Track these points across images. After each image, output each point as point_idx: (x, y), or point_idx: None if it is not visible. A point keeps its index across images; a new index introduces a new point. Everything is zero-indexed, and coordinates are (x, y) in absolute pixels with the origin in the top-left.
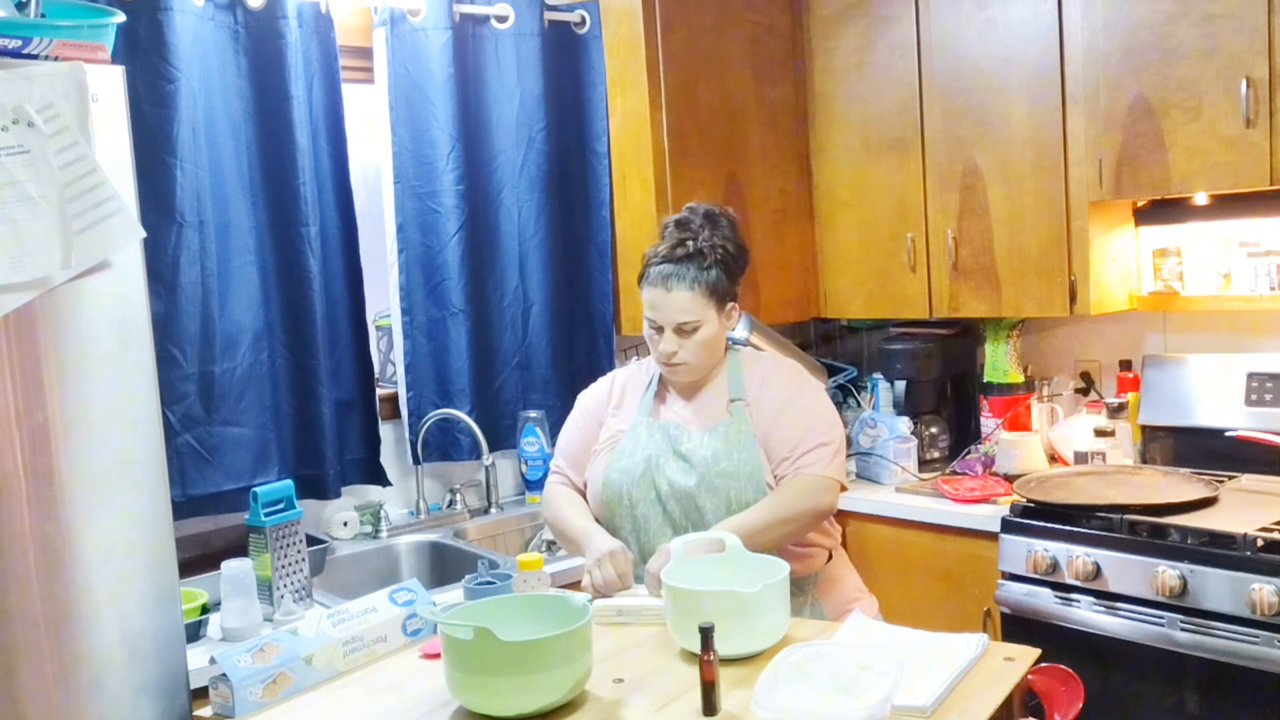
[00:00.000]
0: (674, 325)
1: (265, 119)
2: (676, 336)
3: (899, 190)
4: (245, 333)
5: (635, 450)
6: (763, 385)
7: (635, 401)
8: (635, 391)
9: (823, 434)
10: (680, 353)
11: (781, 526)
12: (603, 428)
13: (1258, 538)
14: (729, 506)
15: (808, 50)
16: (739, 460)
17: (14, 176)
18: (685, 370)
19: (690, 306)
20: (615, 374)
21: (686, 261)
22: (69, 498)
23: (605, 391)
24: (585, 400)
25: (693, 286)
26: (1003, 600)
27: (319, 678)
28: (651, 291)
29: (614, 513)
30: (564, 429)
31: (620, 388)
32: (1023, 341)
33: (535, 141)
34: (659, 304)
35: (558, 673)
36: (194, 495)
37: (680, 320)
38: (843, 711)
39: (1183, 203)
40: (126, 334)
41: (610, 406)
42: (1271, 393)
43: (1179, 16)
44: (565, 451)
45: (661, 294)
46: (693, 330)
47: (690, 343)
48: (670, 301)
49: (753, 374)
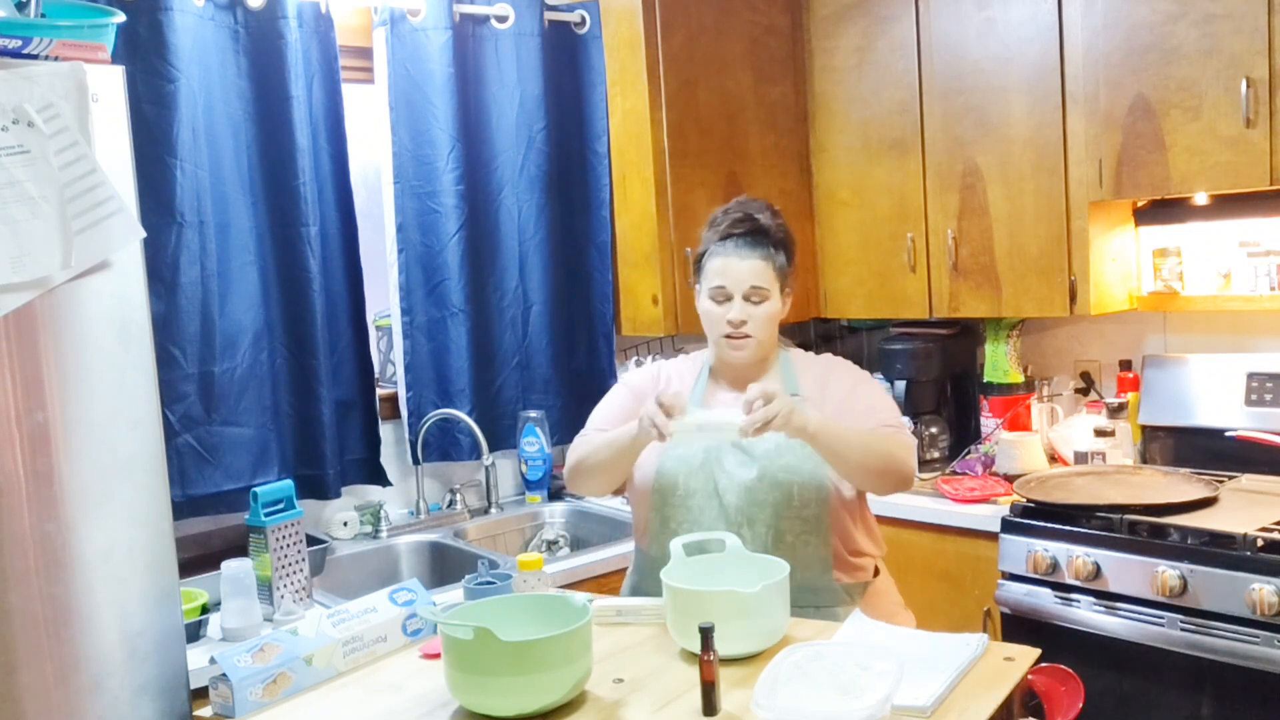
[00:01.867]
0: (745, 290)
1: (265, 119)
2: (746, 304)
3: (899, 190)
4: (245, 333)
5: (691, 442)
6: (822, 382)
7: (683, 392)
8: (683, 383)
9: (892, 419)
10: (749, 323)
11: (866, 454)
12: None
13: (1258, 538)
14: (790, 501)
15: (808, 50)
16: (801, 455)
17: (14, 176)
18: (752, 345)
19: (762, 273)
20: (662, 363)
21: (757, 234)
22: (69, 498)
23: (650, 379)
24: (632, 379)
25: (765, 258)
26: (1003, 600)
27: (319, 678)
28: (720, 259)
29: (666, 502)
30: (602, 403)
31: (665, 379)
32: (1023, 341)
33: (535, 141)
34: (730, 270)
35: (558, 673)
36: (194, 495)
37: (753, 283)
38: (843, 711)
39: (1183, 203)
40: (126, 334)
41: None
42: (1271, 393)
43: (1179, 16)
44: (604, 418)
45: (734, 260)
46: (761, 300)
47: (758, 313)
48: (743, 267)
49: (807, 372)
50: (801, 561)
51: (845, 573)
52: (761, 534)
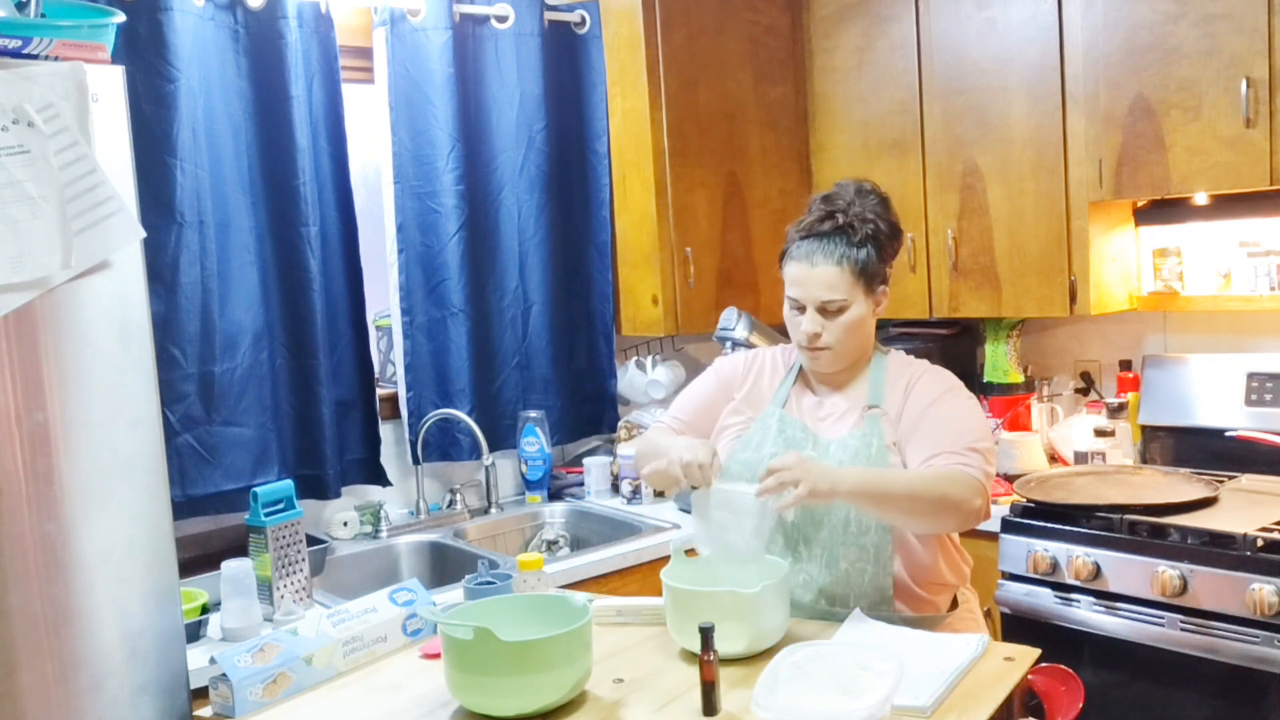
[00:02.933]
0: (818, 304)
1: (265, 119)
2: (820, 317)
3: (899, 190)
4: (245, 333)
5: (762, 444)
6: (908, 389)
7: (768, 388)
8: (772, 378)
9: (975, 439)
10: (824, 335)
11: (910, 501)
12: (729, 401)
13: (1258, 538)
14: (847, 526)
15: (808, 50)
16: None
17: (14, 176)
18: (829, 356)
19: (836, 283)
20: (757, 353)
21: (835, 235)
22: (69, 498)
23: (742, 368)
24: (723, 366)
25: (840, 262)
26: (1003, 600)
27: (319, 678)
28: (794, 267)
29: None
30: (690, 386)
31: (757, 370)
32: (1023, 341)
33: (535, 141)
34: (802, 279)
35: (558, 673)
36: (194, 495)
37: (824, 298)
38: (843, 711)
39: (1183, 203)
40: (126, 334)
41: (742, 385)
42: (1271, 393)
43: (1179, 16)
44: (684, 406)
45: (805, 269)
46: (838, 311)
47: (835, 325)
48: (814, 277)
49: (898, 377)
50: (856, 591)
51: (911, 606)
52: (817, 555)
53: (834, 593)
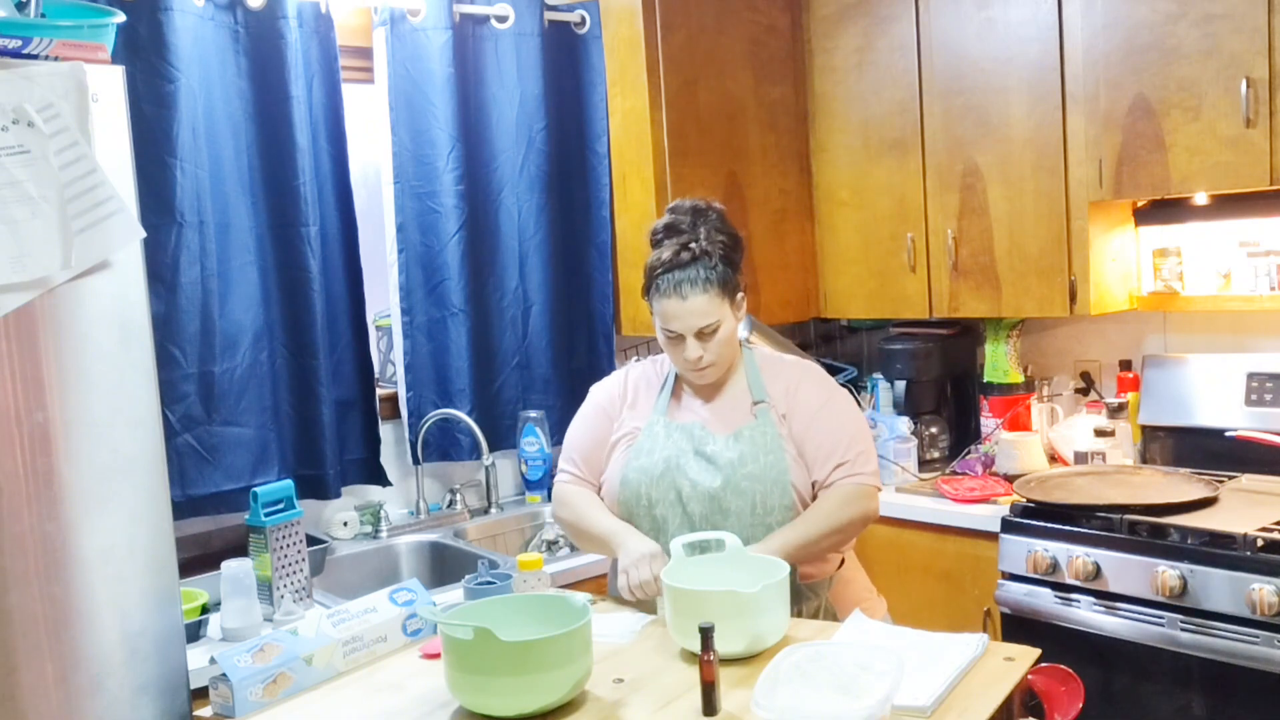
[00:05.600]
0: (694, 331)
1: (265, 119)
2: (698, 342)
3: (899, 190)
4: (245, 333)
5: (654, 450)
6: (792, 390)
7: (649, 400)
8: (649, 390)
9: (862, 441)
10: (705, 355)
11: (832, 536)
12: (615, 424)
13: (1258, 538)
14: (754, 509)
15: (808, 50)
16: (765, 463)
17: (14, 176)
18: (713, 371)
19: (708, 309)
20: (629, 369)
21: (693, 264)
22: (69, 498)
23: (619, 388)
24: (598, 395)
25: (706, 289)
26: (1003, 600)
27: (319, 678)
28: (665, 302)
29: (631, 513)
30: (574, 425)
31: (634, 385)
32: (1023, 341)
33: (535, 141)
34: (676, 313)
35: (558, 673)
36: (194, 495)
37: (701, 325)
38: (843, 711)
39: (1183, 203)
40: (126, 334)
41: (624, 405)
42: (1271, 393)
43: (1179, 16)
44: (576, 447)
45: (677, 303)
46: (713, 332)
47: (713, 343)
48: (688, 308)
49: (774, 376)
50: None
51: (813, 569)
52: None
53: None
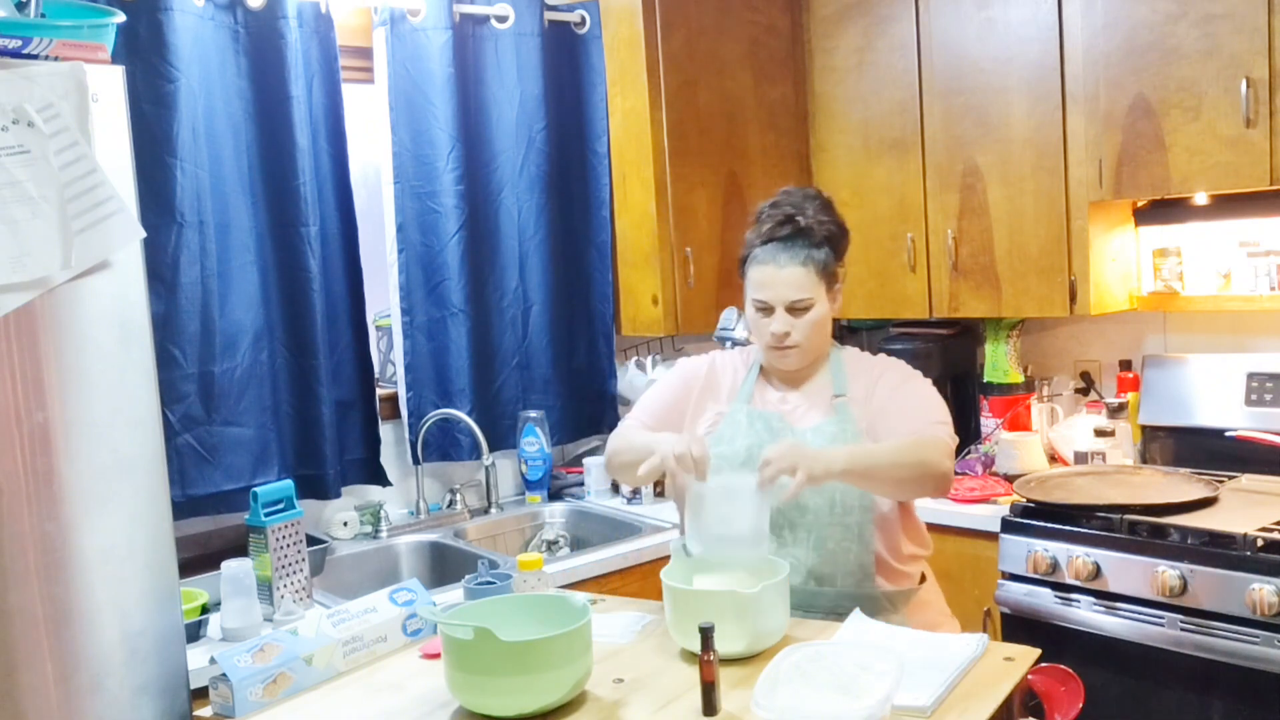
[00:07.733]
0: (786, 303)
1: (265, 119)
2: (788, 316)
3: (899, 190)
4: (245, 333)
5: (735, 437)
6: (873, 381)
7: (730, 387)
8: (733, 377)
9: (941, 416)
10: (793, 334)
11: (899, 469)
12: (692, 406)
13: (1258, 538)
14: (832, 508)
15: (808, 50)
16: None
17: (14, 176)
18: (797, 354)
19: (803, 283)
20: (714, 355)
21: (796, 238)
22: (69, 498)
23: (704, 369)
24: (684, 367)
25: (805, 263)
26: (1003, 600)
27: (319, 678)
28: (760, 270)
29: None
30: (654, 388)
31: (719, 370)
32: (1023, 341)
33: (535, 141)
34: (770, 281)
35: (558, 673)
36: (194, 495)
37: (794, 298)
38: (843, 711)
39: (1183, 203)
40: (126, 334)
41: (703, 386)
42: (1271, 393)
43: (1179, 16)
44: (649, 408)
45: (773, 271)
46: (805, 309)
47: (802, 323)
48: (783, 278)
49: (858, 371)
50: (842, 570)
51: (890, 580)
52: (802, 539)
53: (821, 573)
